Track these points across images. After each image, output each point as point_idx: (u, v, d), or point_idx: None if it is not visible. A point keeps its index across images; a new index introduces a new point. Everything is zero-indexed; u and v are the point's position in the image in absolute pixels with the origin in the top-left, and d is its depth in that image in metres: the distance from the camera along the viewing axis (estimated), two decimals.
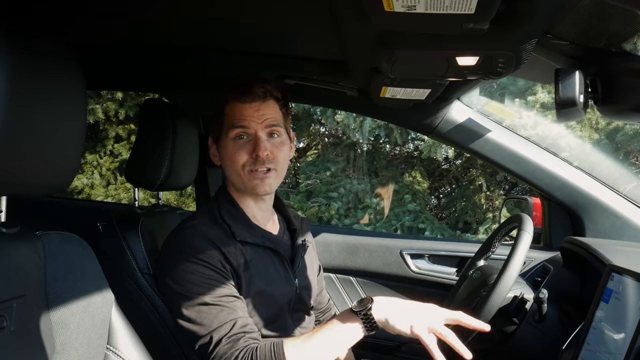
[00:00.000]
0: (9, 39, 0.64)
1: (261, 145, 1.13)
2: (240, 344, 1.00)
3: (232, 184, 1.20)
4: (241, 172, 1.15)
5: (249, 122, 1.14)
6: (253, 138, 1.14)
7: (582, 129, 4.46)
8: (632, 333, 0.89)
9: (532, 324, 1.22)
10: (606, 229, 1.62)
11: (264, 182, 1.15)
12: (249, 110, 1.15)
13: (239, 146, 1.15)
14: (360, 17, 0.87)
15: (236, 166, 1.15)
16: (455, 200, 5.93)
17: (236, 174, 1.16)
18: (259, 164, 1.14)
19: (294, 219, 1.32)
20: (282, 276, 1.19)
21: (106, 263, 0.92)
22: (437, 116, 1.68)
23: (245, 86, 1.16)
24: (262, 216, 1.22)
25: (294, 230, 1.29)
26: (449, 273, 1.81)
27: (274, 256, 1.19)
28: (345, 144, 6.10)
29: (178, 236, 1.13)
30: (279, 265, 1.19)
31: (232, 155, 1.15)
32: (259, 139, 1.14)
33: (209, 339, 1.01)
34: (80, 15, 1.25)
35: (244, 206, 1.19)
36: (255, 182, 1.15)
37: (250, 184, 1.15)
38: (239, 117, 1.15)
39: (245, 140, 1.15)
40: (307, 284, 1.28)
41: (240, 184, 1.17)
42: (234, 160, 1.15)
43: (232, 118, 1.15)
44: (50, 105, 0.71)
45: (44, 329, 0.75)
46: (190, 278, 1.05)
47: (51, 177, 0.75)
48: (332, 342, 1.00)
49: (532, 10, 0.83)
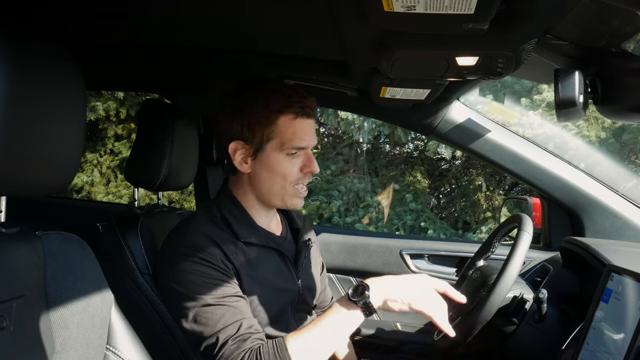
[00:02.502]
0: (8, 40, 0.64)
1: (314, 162, 1.14)
2: (246, 345, 0.99)
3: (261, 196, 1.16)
4: (288, 188, 1.13)
5: (308, 141, 1.12)
6: (304, 155, 1.14)
7: (589, 128, 4.45)
8: (632, 333, 0.89)
9: (531, 324, 1.22)
10: (606, 229, 1.62)
11: (302, 200, 1.17)
12: (307, 127, 1.12)
13: (293, 162, 1.12)
14: (360, 17, 0.87)
15: (286, 181, 1.13)
16: (454, 200, 5.93)
17: (281, 188, 1.14)
18: (307, 179, 1.15)
19: (296, 217, 1.32)
20: (286, 276, 1.18)
21: (106, 263, 0.92)
22: (436, 116, 1.68)
23: (305, 99, 1.12)
24: (266, 217, 1.21)
25: (297, 230, 1.29)
26: (448, 273, 1.82)
27: (277, 256, 1.18)
28: (346, 144, 6.10)
29: (178, 235, 1.12)
30: (282, 265, 1.18)
31: (285, 171, 1.12)
32: (311, 157, 1.14)
33: (215, 339, 1.00)
34: (79, 16, 1.25)
35: (248, 208, 1.18)
36: (297, 200, 1.15)
37: (291, 200, 1.15)
38: (301, 136, 1.11)
39: (297, 155, 1.13)
40: (311, 284, 1.28)
41: (278, 200, 1.15)
42: (286, 175, 1.12)
43: (291, 134, 1.10)
44: (50, 106, 0.71)
45: (44, 329, 0.75)
46: (193, 278, 1.03)
47: (51, 177, 0.75)
48: (333, 332, 1.00)
49: (532, 11, 0.82)
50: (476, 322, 1.13)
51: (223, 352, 0.99)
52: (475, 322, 1.13)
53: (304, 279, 1.23)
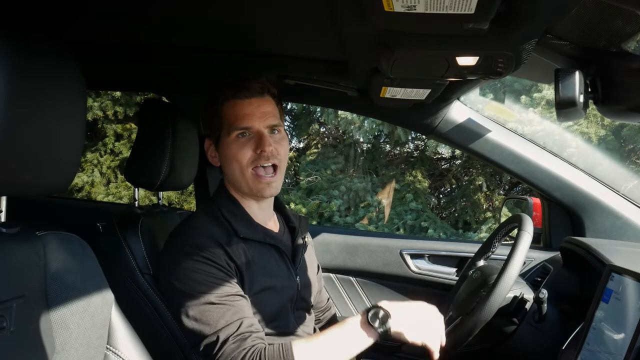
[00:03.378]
0: (8, 40, 0.64)
1: (266, 140, 1.13)
2: (247, 343, 1.00)
3: (233, 185, 1.19)
4: (245, 172, 1.14)
5: (251, 119, 1.13)
6: (256, 135, 1.14)
7: (589, 126, 4.45)
8: (632, 333, 0.89)
9: (532, 324, 1.22)
10: (606, 229, 1.62)
11: (271, 186, 1.16)
12: (248, 107, 1.14)
13: (242, 144, 1.14)
14: (360, 17, 0.87)
15: (240, 165, 1.14)
16: (455, 199, 5.93)
17: (240, 174, 1.14)
18: (264, 160, 1.13)
19: (292, 217, 1.32)
20: (285, 273, 1.19)
21: (106, 263, 0.92)
22: (437, 116, 1.68)
23: (240, 83, 1.15)
24: (263, 214, 1.22)
25: (294, 229, 1.29)
26: (449, 273, 1.82)
27: (276, 253, 1.19)
28: (346, 143, 6.10)
29: (181, 235, 1.12)
30: (281, 262, 1.20)
31: (236, 154, 1.13)
32: (263, 135, 1.13)
33: (215, 338, 1.00)
34: (79, 16, 1.25)
35: (245, 205, 1.19)
36: (261, 186, 1.14)
37: (255, 187, 1.15)
38: (241, 116, 1.13)
39: (247, 137, 1.14)
40: (308, 281, 1.29)
41: (244, 186, 1.16)
42: (238, 158, 1.13)
43: (232, 117, 1.14)
44: (50, 106, 0.71)
45: (44, 329, 0.75)
46: (195, 276, 1.04)
47: (51, 177, 0.75)
48: (343, 349, 1.01)
49: (532, 10, 0.82)
50: (476, 322, 1.13)
51: (224, 351, 0.99)
52: (476, 322, 1.13)
53: (301, 276, 1.24)
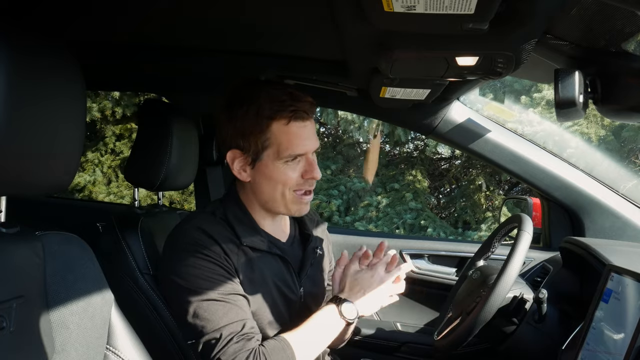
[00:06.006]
0: (8, 39, 0.64)
1: (316, 167, 1.10)
2: (250, 344, 1.00)
3: (264, 203, 1.13)
4: (287, 194, 1.10)
5: (306, 145, 1.07)
6: (305, 160, 1.10)
7: (588, 126, 4.45)
8: (632, 333, 0.89)
9: (531, 324, 1.22)
10: (606, 229, 1.62)
11: (308, 205, 1.15)
12: (304, 130, 1.07)
13: (291, 168, 1.08)
14: (360, 18, 0.87)
15: (285, 187, 1.09)
16: (454, 199, 5.94)
17: (281, 196, 1.10)
18: (309, 185, 1.11)
19: (308, 222, 1.27)
20: (287, 283, 1.16)
21: (106, 263, 0.92)
22: (436, 116, 1.68)
23: (297, 101, 1.06)
24: (272, 222, 1.19)
25: (307, 236, 1.25)
26: (448, 273, 1.82)
27: (280, 262, 1.16)
28: (345, 143, 6.11)
29: (181, 233, 1.11)
30: (285, 272, 1.16)
31: (284, 179, 1.08)
32: (313, 162, 1.10)
33: (218, 335, 0.99)
34: (80, 16, 1.25)
35: (253, 212, 1.15)
36: (300, 206, 1.13)
37: (294, 207, 1.12)
38: (297, 142, 1.06)
39: (297, 161, 1.09)
40: (315, 290, 1.25)
41: (281, 207, 1.12)
42: (285, 183, 1.09)
43: (286, 141, 1.06)
44: (50, 106, 0.71)
45: (44, 329, 0.75)
46: (197, 273, 1.03)
47: (51, 177, 0.75)
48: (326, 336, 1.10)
49: (532, 11, 0.82)
50: (476, 322, 1.13)
51: (227, 349, 0.98)
52: (475, 322, 1.13)
53: (307, 285, 1.21)
